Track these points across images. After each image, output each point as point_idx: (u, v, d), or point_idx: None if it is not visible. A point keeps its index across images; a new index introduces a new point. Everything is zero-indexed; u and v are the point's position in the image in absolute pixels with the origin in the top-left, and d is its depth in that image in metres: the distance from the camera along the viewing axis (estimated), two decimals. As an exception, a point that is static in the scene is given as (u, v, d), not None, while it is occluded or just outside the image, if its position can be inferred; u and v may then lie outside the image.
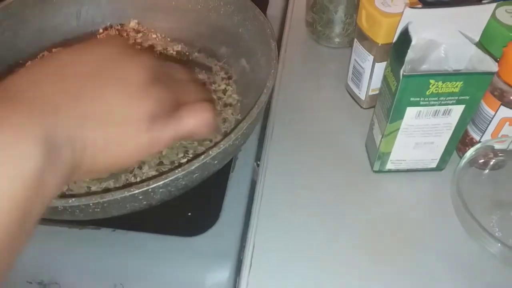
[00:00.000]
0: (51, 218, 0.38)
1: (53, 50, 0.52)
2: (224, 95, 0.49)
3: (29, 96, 0.22)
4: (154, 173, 0.42)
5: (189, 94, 0.30)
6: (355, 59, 0.45)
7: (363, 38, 0.42)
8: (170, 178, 0.32)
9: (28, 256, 0.39)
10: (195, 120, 0.29)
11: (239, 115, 0.48)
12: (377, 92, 0.45)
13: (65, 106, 0.23)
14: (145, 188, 0.32)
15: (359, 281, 0.36)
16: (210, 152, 0.34)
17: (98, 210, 0.33)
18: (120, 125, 0.25)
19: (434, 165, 0.41)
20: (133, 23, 0.56)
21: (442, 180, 0.41)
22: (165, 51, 0.53)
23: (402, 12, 0.33)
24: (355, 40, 0.44)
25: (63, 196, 0.40)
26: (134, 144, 0.26)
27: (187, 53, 0.54)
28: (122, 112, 0.25)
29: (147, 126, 0.26)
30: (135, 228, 0.40)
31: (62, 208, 0.32)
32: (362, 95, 0.47)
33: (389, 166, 0.41)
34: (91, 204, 0.32)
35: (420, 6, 0.32)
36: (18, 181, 0.20)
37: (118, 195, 0.31)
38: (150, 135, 0.26)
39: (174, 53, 0.53)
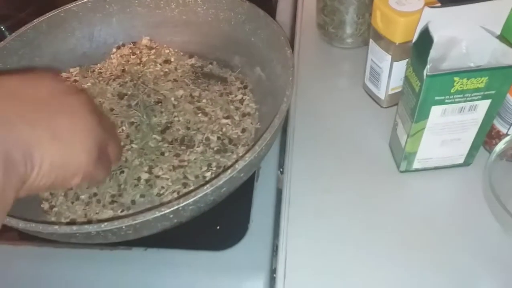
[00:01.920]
0: (85, 243, 0.39)
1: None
2: (242, 104, 0.49)
3: None
4: (179, 187, 0.42)
5: (114, 140, 0.34)
6: (372, 59, 0.45)
7: (379, 38, 0.42)
8: (200, 195, 0.32)
9: (62, 280, 0.39)
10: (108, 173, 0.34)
11: (258, 123, 0.47)
12: (396, 91, 0.45)
13: (21, 126, 0.26)
14: (175, 207, 0.32)
15: (394, 283, 0.35)
16: (237, 166, 0.34)
17: (130, 232, 0.33)
18: (66, 155, 0.28)
19: (461, 160, 0.40)
20: (145, 40, 0.56)
21: (470, 174, 0.40)
22: (179, 66, 0.53)
23: (419, 10, 0.33)
24: (371, 40, 0.43)
25: (91, 221, 0.41)
26: (75, 173, 0.29)
27: (201, 66, 0.54)
28: (69, 145, 0.28)
29: (88, 161, 0.29)
30: (166, 246, 0.40)
31: (95, 233, 0.32)
32: (381, 95, 0.46)
33: (416, 165, 0.40)
34: (123, 227, 0.32)
35: (439, 5, 0.32)
36: None
37: (149, 216, 0.32)
38: (88, 170, 0.30)
39: (189, 66, 0.53)
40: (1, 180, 0.23)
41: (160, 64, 0.53)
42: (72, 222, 0.40)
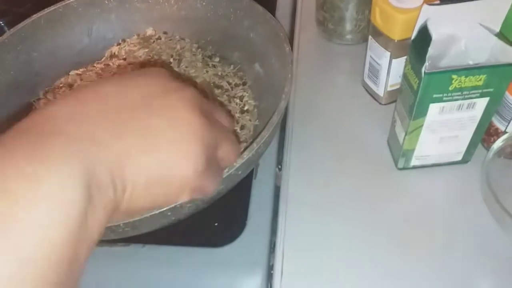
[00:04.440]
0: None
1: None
2: (241, 101, 0.49)
3: (69, 131, 0.20)
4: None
5: (226, 140, 0.28)
6: (371, 56, 0.44)
7: (378, 34, 0.42)
8: (197, 193, 0.33)
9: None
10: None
11: (257, 120, 0.47)
12: (395, 87, 0.45)
13: (107, 142, 0.21)
14: (173, 205, 0.32)
15: (392, 280, 0.35)
16: (235, 164, 0.34)
17: (128, 229, 0.33)
18: (165, 167, 0.23)
19: (459, 158, 0.40)
20: (150, 31, 0.56)
21: (469, 172, 0.40)
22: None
23: (419, 7, 0.32)
24: (370, 37, 0.43)
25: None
26: (179, 189, 0.24)
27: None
28: (168, 153, 0.23)
29: (194, 172, 0.24)
30: (164, 243, 0.40)
31: (93, 229, 0.32)
32: (380, 92, 0.46)
33: (414, 162, 0.40)
34: (121, 225, 0.32)
35: (438, 2, 0.31)
36: (63, 227, 0.18)
37: (147, 213, 0.32)
38: (196, 183, 0.24)
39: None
40: (83, 212, 0.19)
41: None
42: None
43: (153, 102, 0.24)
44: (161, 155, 0.23)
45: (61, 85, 0.52)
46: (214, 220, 0.42)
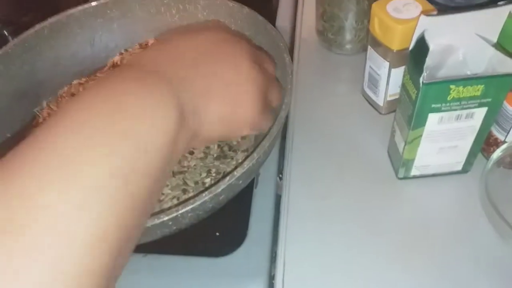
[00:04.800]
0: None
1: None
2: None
3: (158, 71, 0.26)
4: (178, 193, 0.42)
5: (273, 85, 0.34)
6: (370, 66, 0.45)
7: (377, 45, 0.42)
8: (198, 202, 0.33)
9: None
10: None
11: (258, 129, 0.48)
12: (395, 97, 0.45)
13: (189, 80, 0.26)
14: (174, 214, 0.32)
15: (393, 291, 0.35)
16: (235, 173, 0.34)
17: (130, 238, 0.33)
18: (232, 105, 0.28)
19: (459, 167, 0.40)
20: (151, 41, 0.56)
21: (469, 181, 0.41)
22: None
23: (416, 18, 0.33)
24: (369, 47, 0.44)
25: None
26: (242, 124, 0.30)
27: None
28: (237, 90, 0.29)
29: (254, 111, 0.30)
30: (165, 252, 0.40)
31: (94, 239, 0.32)
32: (379, 101, 0.46)
33: (414, 172, 0.40)
34: (123, 234, 0.32)
35: (435, 13, 0.32)
36: (164, 136, 0.23)
37: (148, 223, 0.32)
38: (255, 121, 0.30)
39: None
40: (176, 128, 0.24)
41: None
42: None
43: (217, 50, 0.29)
44: (229, 97, 0.28)
45: (63, 94, 0.53)
46: (215, 230, 0.42)
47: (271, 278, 0.39)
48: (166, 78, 0.25)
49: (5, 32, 0.67)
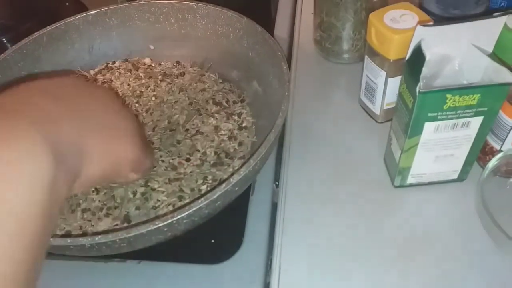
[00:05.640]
0: (79, 255, 0.39)
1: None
2: (240, 118, 0.49)
3: (25, 112, 0.23)
4: (174, 200, 0.42)
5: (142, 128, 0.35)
6: (367, 75, 0.45)
7: (374, 54, 0.42)
8: (194, 209, 0.33)
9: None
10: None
11: (255, 137, 0.48)
12: (391, 106, 0.45)
13: (63, 120, 0.25)
14: (169, 221, 0.32)
15: (389, 300, 0.35)
16: (231, 180, 0.34)
17: (124, 245, 0.33)
18: (115, 137, 0.28)
19: (455, 176, 0.40)
20: (147, 60, 0.57)
21: (465, 190, 0.41)
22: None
23: (413, 28, 0.33)
24: (366, 56, 0.44)
25: (86, 234, 0.41)
26: (126, 160, 0.29)
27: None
28: (115, 127, 0.28)
29: (135, 146, 0.30)
30: (160, 259, 0.40)
31: (89, 245, 0.32)
32: (376, 110, 0.47)
33: (410, 180, 0.40)
34: (117, 240, 0.32)
35: (431, 23, 0.32)
36: (39, 190, 0.21)
37: (143, 229, 0.32)
38: (138, 156, 0.30)
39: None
40: (52, 173, 0.22)
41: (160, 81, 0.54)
42: (67, 235, 0.40)
43: (84, 92, 0.29)
44: (109, 133, 0.28)
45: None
46: (211, 237, 0.42)
47: (267, 286, 0.38)
48: (31, 119, 0.23)
49: (4, 39, 0.68)
